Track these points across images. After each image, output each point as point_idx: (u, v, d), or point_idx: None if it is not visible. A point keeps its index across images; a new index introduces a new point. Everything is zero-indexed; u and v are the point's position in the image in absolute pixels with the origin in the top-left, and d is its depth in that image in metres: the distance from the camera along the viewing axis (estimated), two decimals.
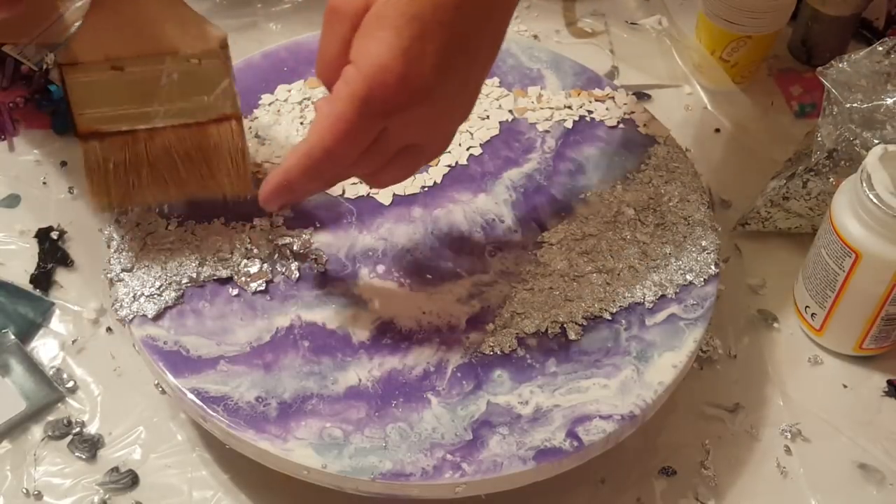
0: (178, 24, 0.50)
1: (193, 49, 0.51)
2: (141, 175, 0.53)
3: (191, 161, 0.53)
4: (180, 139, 0.53)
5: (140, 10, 0.49)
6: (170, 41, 0.50)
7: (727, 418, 0.60)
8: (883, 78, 0.61)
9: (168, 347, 0.52)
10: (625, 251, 0.57)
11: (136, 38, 0.50)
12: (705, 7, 0.76)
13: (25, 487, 0.54)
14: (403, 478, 0.48)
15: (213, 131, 0.53)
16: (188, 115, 0.52)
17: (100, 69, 0.50)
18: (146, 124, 0.52)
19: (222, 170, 0.54)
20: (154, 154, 0.53)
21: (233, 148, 0.54)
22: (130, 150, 0.53)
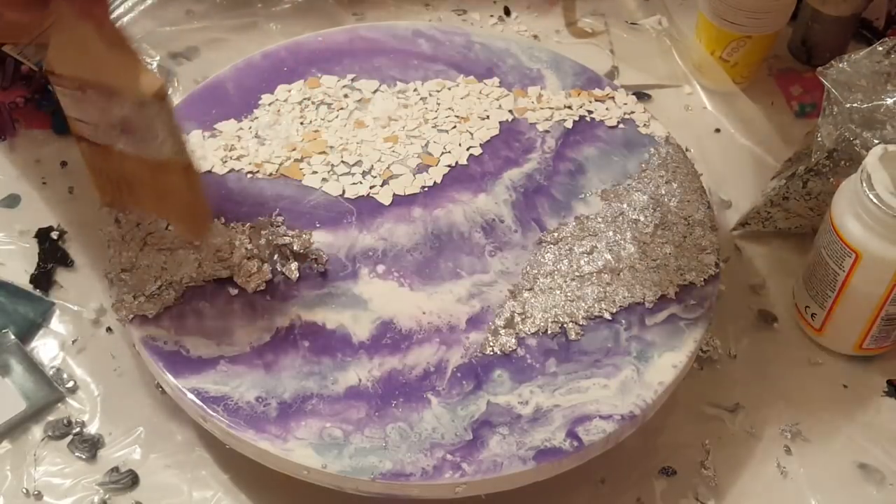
0: (118, 66, 0.49)
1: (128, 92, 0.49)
2: (120, 185, 0.54)
3: (151, 192, 0.53)
4: (140, 168, 0.52)
5: (88, 42, 0.49)
6: (113, 79, 0.49)
7: (727, 418, 0.60)
8: (883, 78, 0.61)
9: (168, 347, 0.52)
10: (625, 251, 0.57)
11: (91, 66, 0.49)
12: (705, 7, 0.76)
13: (25, 487, 0.54)
14: (403, 478, 0.48)
15: (165, 174, 0.52)
16: (141, 149, 0.52)
17: (71, 84, 0.50)
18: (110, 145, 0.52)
19: (174, 213, 0.55)
20: (128, 174, 0.53)
21: (185, 195, 0.53)
22: (109, 163, 0.53)
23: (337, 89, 0.65)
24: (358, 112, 0.64)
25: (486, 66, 0.68)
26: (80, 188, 0.68)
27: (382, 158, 0.62)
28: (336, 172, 0.61)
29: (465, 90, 0.66)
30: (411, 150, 0.62)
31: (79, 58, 0.49)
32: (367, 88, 0.66)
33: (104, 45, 0.49)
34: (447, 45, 0.69)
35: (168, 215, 0.55)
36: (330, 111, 0.64)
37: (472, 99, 0.65)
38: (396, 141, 0.63)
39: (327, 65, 0.67)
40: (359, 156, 0.62)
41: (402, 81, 0.66)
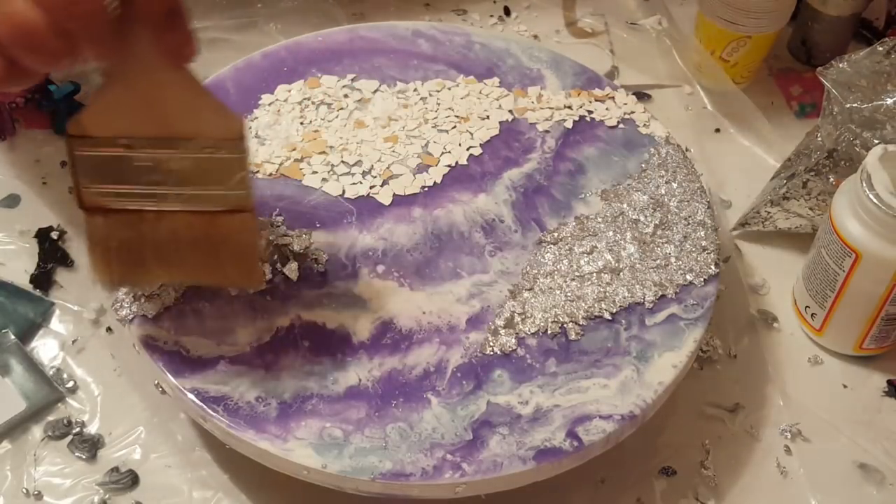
0: (196, 110, 0.47)
1: (209, 137, 0.47)
2: (145, 256, 0.50)
3: (198, 249, 0.50)
4: (188, 225, 0.49)
5: (154, 91, 0.46)
6: (185, 126, 0.47)
7: (727, 418, 0.60)
8: (883, 78, 0.61)
9: (168, 347, 0.52)
10: (625, 251, 0.58)
11: (150, 119, 0.46)
12: (705, 7, 0.76)
13: (25, 487, 0.54)
14: (403, 478, 0.48)
15: (223, 222, 0.49)
16: (199, 202, 0.49)
17: (109, 145, 0.47)
18: (154, 206, 0.49)
19: (230, 262, 0.51)
20: (160, 237, 0.49)
21: (243, 242, 0.50)
22: (135, 229, 0.49)
23: (337, 89, 0.65)
24: (358, 112, 0.64)
25: (486, 66, 0.68)
26: None
27: (382, 158, 0.62)
28: (336, 172, 0.61)
29: (465, 90, 0.66)
30: (411, 150, 0.62)
31: (132, 114, 0.46)
32: (367, 88, 0.66)
33: (181, 90, 0.46)
34: (447, 45, 0.69)
35: (216, 270, 0.51)
36: (330, 111, 0.64)
37: (472, 99, 0.65)
38: (396, 141, 0.63)
39: (327, 65, 0.67)
40: (359, 156, 0.62)
41: (402, 81, 0.66)
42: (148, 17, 0.44)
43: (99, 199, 0.49)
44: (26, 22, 0.41)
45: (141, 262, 0.50)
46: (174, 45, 0.45)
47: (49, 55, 0.42)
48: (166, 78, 0.46)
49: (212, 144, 0.47)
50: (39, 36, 0.41)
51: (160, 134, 0.47)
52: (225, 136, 0.48)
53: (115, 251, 0.50)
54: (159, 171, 0.48)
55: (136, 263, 0.50)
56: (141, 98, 0.46)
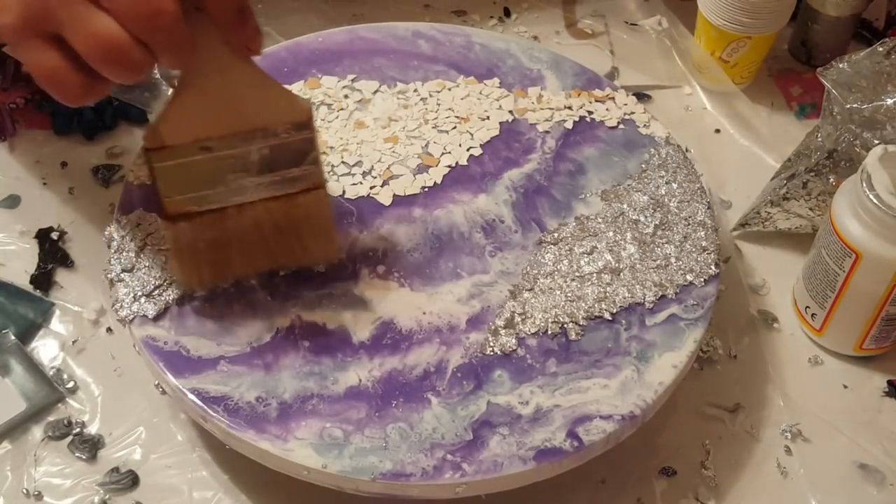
0: (266, 99, 0.49)
1: (282, 123, 0.49)
2: (230, 250, 0.52)
3: (280, 232, 0.52)
4: (269, 212, 0.51)
5: (228, 89, 0.48)
6: (259, 117, 0.49)
7: (727, 418, 0.60)
8: (883, 78, 0.61)
9: (168, 348, 0.52)
10: (625, 251, 0.58)
11: (225, 117, 0.48)
12: (705, 7, 0.76)
13: (26, 488, 0.54)
14: (404, 478, 0.48)
15: (301, 201, 0.52)
16: (277, 188, 0.51)
17: (188, 151, 0.49)
18: (235, 201, 0.51)
19: (310, 238, 0.53)
20: (243, 229, 0.51)
21: (321, 216, 0.53)
22: (219, 227, 0.51)
23: (337, 90, 0.65)
24: (358, 112, 0.64)
25: (486, 66, 0.68)
26: (80, 188, 0.68)
27: (382, 159, 0.62)
28: (336, 173, 0.61)
29: (465, 91, 0.66)
30: (411, 151, 0.62)
31: (207, 115, 0.48)
32: (367, 89, 0.66)
33: (251, 83, 0.48)
34: (447, 46, 0.69)
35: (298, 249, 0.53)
36: (330, 112, 0.64)
37: (473, 99, 0.65)
38: (396, 141, 0.63)
39: (327, 65, 0.67)
40: (359, 156, 0.62)
41: (402, 82, 0.66)
42: (220, 18, 0.46)
43: (183, 207, 0.50)
44: (111, 38, 0.43)
45: (227, 258, 0.52)
46: (245, 40, 0.47)
47: (133, 67, 0.44)
48: (237, 73, 0.48)
49: (284, 129, 0.50)
50: (123, 50, 0.43)
51: (237, 130, 0.49)
52: (296, 119, 0.50)
53: (203, 252, 0.52)
54: (237, 166, 0.50)
55: (223, 260, 0.52)
56: (215, 98, 0.48)
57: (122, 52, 0.43)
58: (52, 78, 0.45)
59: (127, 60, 0.44)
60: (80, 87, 0.45)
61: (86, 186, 0.68)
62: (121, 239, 0.56)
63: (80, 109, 0.70)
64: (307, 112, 0.50)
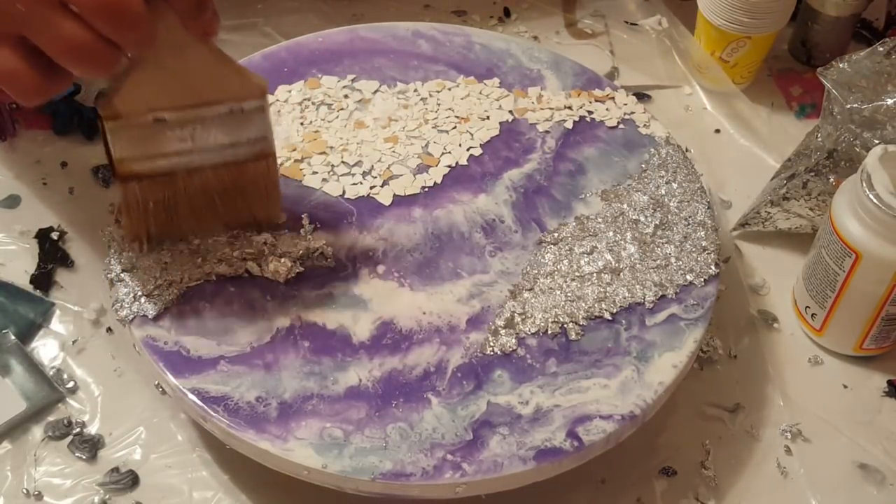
0: (221, 76, 0.51)
1: (236, 98, 0.51)
2: (178, 211, 0.54)
3: (227, 196, 0.54)
4: (218, 177, 0.53)
5: (183, 65, 0.49)
6: (213, 92, 0.51)
7: (727, 418, 0.60)
8: (883, 78, 0.61)
9: (168, 348, 0.52)
10: (625, 251, 0.58)
11: (179, 90, 0.50)
12: (705, 7, 0.76)
13: (26, 488, 0.54)
14: (404, 478, 0.48)
15: (249, 168, 0.54)
16: (227, 156, 0.53)
17: (141, 120, 0.50)
18: (185, 166, 0.52)
19: (257, 201, 0.55)
20: (191, 191, 0.53)
21: (268, 182, 0.55)
22: (169, 189, 0.53)
23: (337, 90, 0.65)
24: (358, 112, 0.64)
25: (486, 66, 0.68)
26: (80, 188, 0.68)
27: (383, 159, 0.62)
28: (336, 173, 0.61)
29: (465, 91, 0.66)
30: (411, 151, 0.62)
31: (162, 88, 0.49)
32: (367, 89, 0.66)
33: (205, 60, 0.50)
34: (447, 46, 0.69)
35: (244, 212, 0.55)
36: (330, 112, 0.64)
37: (473, 99, 0.65)
38: (397, 141, 0.63)
39: (327, 65, 0.67)
40: (359, 156, 0.62)
41: (402, 82, 0.66)
42: (180, 7, 0.47)
43: (134, 169, 0.52)
44: (80, 40, 0.44)
45: (175, 218, 0.54)
46: (203, 26, 0.48)
47: (103, 65, 0.45)
48: (192, 51, 0.49)
49: (236, 104, 0.51)
50: (93, 50, 0.44)
51: (188, 102, 0.51)
52: (249, 95, 0.52)
53: (152, 212, 0.53)
54: (190, 136, 0.51)
55: (170, 220, 0.54)
56: (170, 73, 0.49)
57: (93, 53, 0.44)
58: (9, 79, 0.45)
59: (97, 59, 0.45)
60: (37, 87, 0.46)
61: (86, 186, 0.68)
62: (121, 239, 0.56)
63: (80, 109, 0.70)
64: (261, 89, 0.52)
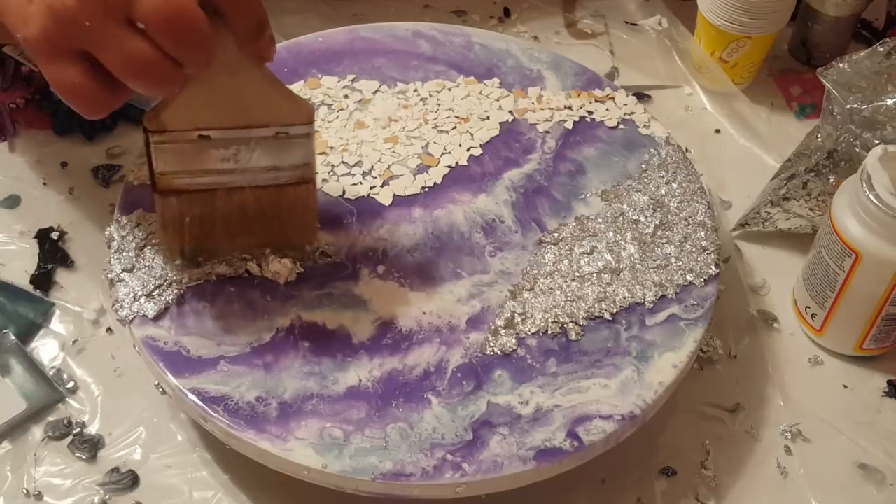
0: (270, 99, 0.51)
1: (283, 122, 0.51)
2: (214, 228, 0.54)
3: (264, 217, 0.54)
4: (257, 198, 0.53)
5: (234, 87, 0.49)
6: (261, 114, 0.51)
7: (727, 418, 0.60)
8: (883, 79, 0.61)
9: (168, 348, 0.52)
10: (625, 251, 0.58)
11: (228, 111, 0.50)
12: (705, 8, 0.76)
13: (26, 488, 0.54)
14: (404, 478, 0.48)
15: (289, 192, 0.54)
16: (269, 179, 0.53)
17: (186, 136, 0.50)
18: (226, 185, 0.52)
19: (293, 224, 0.55)
20: (229, 210, 0.53)
21: (306, 207, 0.55)
22: (207, 206, 0.53)
23: (337, 90, 0.65)
24: (358, 113, 0.64)
25: (486, 66, 0.68)
26: (80, 188, 0.68)
27: (383, 159, 0.62)
28: (336, 173, 0.61)
29: (465, 91, 0.66)
30: (411, 151, 0.62)
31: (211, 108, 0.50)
32: (367, 89, 0.66)
33: (257, 84, 0.50)
34: (447, 46, 0.69)
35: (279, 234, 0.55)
36: (330, 112, 0.64)
37: (473, 99, 0.65)
38: (397, 141, 0.63)
39: (327, 65, 0.67)
40: (359, 156, 0.62)
41: (402, 82, 0.66)
42: (239, 31, 0.47)
43: (174, 183, 0.52)
44: (147, 59, 0.44)
45: (211, 234, 0.54)
46: (259, 50, 0.49)
47: (167, 83, 0.46)
48: (245, 74, 0.49)
49: (283, 128, 0.51)
50: (159, 69, 0.45)
51: (235, 123, 0.51)
52: (296, 121, 0.52)
53: (188, 227, 0.53)
54: (233, 156, 0.51)
55: (205, 236, 0.54)
56: (221, 93, 0.49)
57: (157, 71, 0.45)
58: (74, 93, 0.46)
59: (160, 78, 0.45)
60: (101, 102, 0.46)
61: (86, 186, 0.68)
62: (121, 239, 0.56)
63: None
64: (308, 115, 0.52)
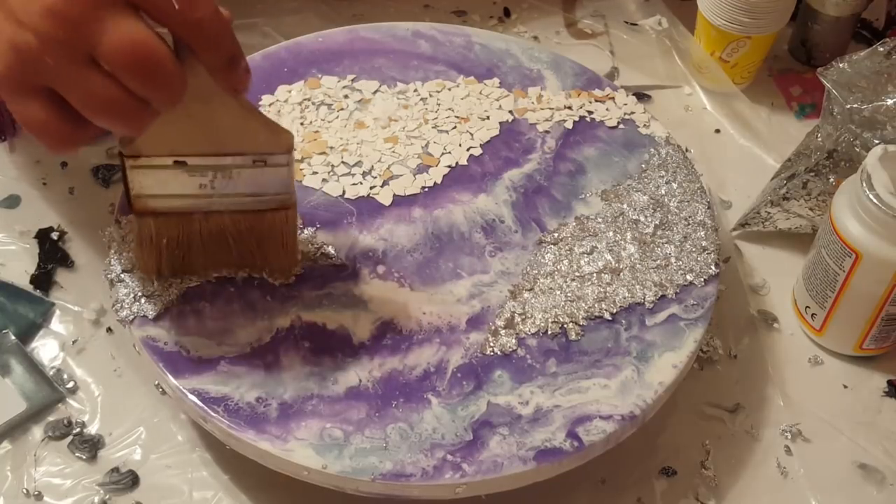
0: (247, 128, 0.50)
1: (260, 151, 0.51)
2: (192, 250, 0.53)
3: (243, 241, 0.54)
4: (235, 222, 0.53)
5: (211, 115, 0.49)
6: (237, 143, 0.50)
7: (727, 418, 0.60)
8: (883, 79, 0.61)
9: (168, 348, 0.52)
10: (625, 251, 0.58)
11: (204, 138, 0.50)
12: (705, 8, 0.76)
13: (26, 488, 0.54)
14: (404, 478, 0.48)
15: (269, 218, 0.53)
16: (247, 204, 0.52)
17: (162, 162, 0.50)
18: (203, 208, 0.52)
19: (272, 250, 0.54)
20: (207, 233, 0.53)
21: (285, 233, 0.54)
22: (184, 229, 0.52)
23: (337, 90, 0.65)
24: (358, 113, 0.64)
25: (486, 66, 0.68)
26: (80, 188, 0.68)
27: (383, 159, 0.62)
28: (336, 173, 0.61)
29: (465, 91, 0.66)
30: (411, 151, 0.62)
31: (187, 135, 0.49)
32: (367, 89, 0.66)
33: (233, 113, 0.49)
34: (447, 46, 0.69)
35: (258, 259, 0.55)
36: (330, 112, 0.64)
37: (473, 99, 0.65)
38: (396, 141, 0.63)
39: (327, 65, 0.67)
40: (359, 156, 0.62)
41: (402, 82, 0.66)
42: (211, 66, 0.46)
43: (150, 205, 0.51)
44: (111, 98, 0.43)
45: (188, 256, 0.54)
46: (233, 83, 0.48)
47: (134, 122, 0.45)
48: (218, 102, 0.48)
49: (260, 158, 0.51)
50: (124, 108, 0.44)
51: (212, 151, 0.50)
52: (274, 150, 0.51)
53: (165, 247, 0.53)
54: (210, 182, 0.51)
55: (182, 258, 0.53)
56: (194, 121, 0.49)
57: (122, 110, 0.44)
58: (39, 129, 0.45)
59: (126, 116, 0.44)
60: (66, 138, 0.45)
61: (86, 186, 0.68)
62: (121, 239, 0.56)
63: None
64: (287, 145, 0.51)
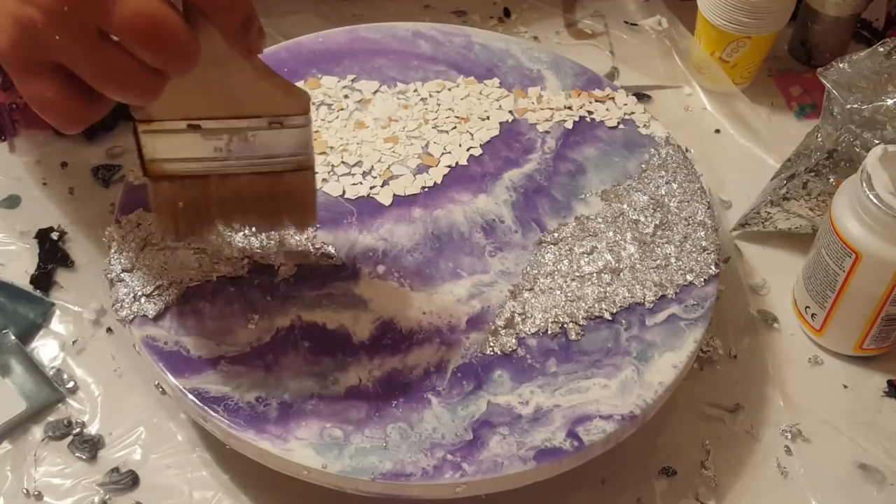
0: (262, 90, 0.49)
1: (276, 112, 0.50)
2: (209, 212, 0.52)
3: (260, 201, 0.53)
4: (252, 184, 0.52)
5: (225, 78, 0.48)
6: (253, 105, 0.49)
7: (727, 418, 0.60)
8: (883, 79, 0.61)
9: (168, 348, 0.52)
10: (625, 251, 0.58)
11: (218, 101, 0.48)
12: (705, 8, 0.76)
13: (26, 488, 0.54)
14: (404, 478, 0.48)
15: (287, 179, 0.52)
16: (264, 166, 0.51)
17: (176, 126, 0.49)
18: (219, 171, 0.51)
19: (291, 211, 0.54)
20: (224, 195, 0.52)
21: (304, 193, 0.53)
22: (201, 191, 0.51)
23: (337, 90, 0.65)
24: (358, 113, 0.64)
25: (486, 66, 0.68)
26: (80, 188, 0.68)
27: (383, 159, 0.62)
28: (336, 173, 0.61)
29: (465, 91, 0.66)
30: (411, 151, 0.62)
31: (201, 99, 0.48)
32: (367, 89, 0.66)
33: (249, 74, 0.48)
34: (447, 46, 0.69)
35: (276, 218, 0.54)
36: (330, 112, 0.64)
37: (473, 99, 0.65)
38: (397, 141, 0.63)
39: (327, 65, 0.67)
40: (359, 156, 0.62)
41: (402, 82, 0.66)
42: (225, 30, 0.45)
43: (165, 169, 0.50)
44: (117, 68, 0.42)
45: (205, 218, 0.53)
46: (247, 45, 0.47)
47: (148, 93, 0.44)
48: (233, 65, 0.47)
49: (277, 119, 0.50)
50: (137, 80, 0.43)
51: (227, 114, 0.49)
52: (290, 111, 0.50)
53: (182, 211, 0.52)
54: (225, 145, 0.50)
55: (200, 220, 0.53)
56: (208, 84, 0.48)
57: (136, 81, 0.43)
58: (49, 108, 0.44)
59: (140, 88, 0.43)
60: (78, 116, 0.44)
61: (86, 186, 0.68)
62: (121, 239, 0.56)
63: None
64: (304, 106, 0.50)
